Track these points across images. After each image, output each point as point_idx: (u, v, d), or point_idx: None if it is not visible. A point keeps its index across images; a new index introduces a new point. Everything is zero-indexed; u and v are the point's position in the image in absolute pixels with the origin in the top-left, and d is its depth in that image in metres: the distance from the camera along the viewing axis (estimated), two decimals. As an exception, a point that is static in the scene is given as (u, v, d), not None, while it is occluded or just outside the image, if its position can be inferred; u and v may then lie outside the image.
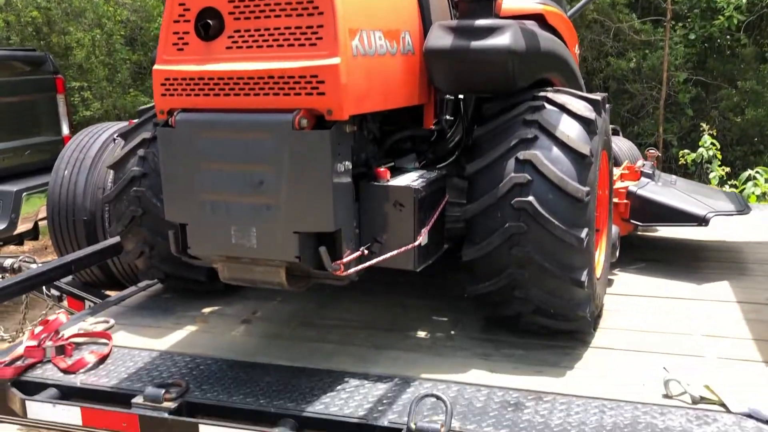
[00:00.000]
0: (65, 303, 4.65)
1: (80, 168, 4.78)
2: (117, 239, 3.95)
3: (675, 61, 12.28)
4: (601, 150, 3.21)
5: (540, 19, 3.60)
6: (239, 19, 2.61)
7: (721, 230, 5.08)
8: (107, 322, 3.48)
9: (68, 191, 4.73)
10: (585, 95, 3.17)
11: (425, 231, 2.87)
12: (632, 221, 4.29)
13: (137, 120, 3.76)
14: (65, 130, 7.06)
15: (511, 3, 3.42)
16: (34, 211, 6.36)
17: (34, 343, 3.10)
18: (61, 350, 3.08)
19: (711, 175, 9.20)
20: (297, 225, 2.61)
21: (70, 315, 3.77)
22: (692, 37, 12.44)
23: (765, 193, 8.33)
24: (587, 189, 2.84)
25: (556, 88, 3.23)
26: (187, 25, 2.69)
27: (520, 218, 2.84)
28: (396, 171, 3.04)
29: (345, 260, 2.67)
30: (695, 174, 10.54)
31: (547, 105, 3.02)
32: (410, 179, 2.92)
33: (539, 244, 2.84)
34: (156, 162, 3.31)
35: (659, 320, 3.38)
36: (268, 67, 2.57)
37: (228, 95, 2.66)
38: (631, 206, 4.26)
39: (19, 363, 2.99)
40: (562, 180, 2.82)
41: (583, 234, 2.82)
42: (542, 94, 3.08)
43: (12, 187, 6.21)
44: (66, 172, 4.79)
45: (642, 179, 4.48)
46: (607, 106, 3.38)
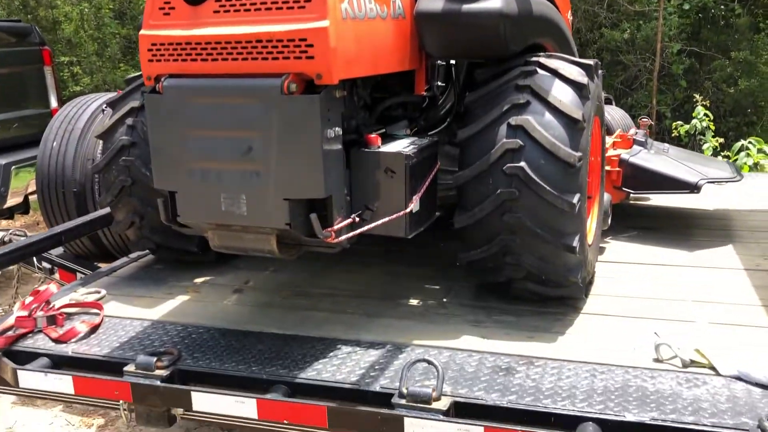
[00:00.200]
0: (57, 275, 4.64)
1: (69, 139, 4.72)
2: (107, 210, 3.92)
3: (669, 32, 12.20)
4: (594, 116, 3.19)
5: (532, -16, 3.55)
6: (226, -18, 2.56)
7: (713, 198, 5.09)
8: (98, 293, 3.46)
9: (57, 163, 4.68)
10: (577, 60, 3.14)
11: (417, 198, 2.85)
12: (624, 189, 4.29)
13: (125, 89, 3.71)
14: (53, 103, 6.96)
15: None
16: (24, 185, 6.30)
17: (25, 314, 3.09)
18: (52, 320, 3.07)
19: (704, 147, 9.19)
20: (287, 192, 2.59)
21: (61, 286, 3.75)
22: (686, 8, 12.34)
23: (757, 164, 8.34)
24: (579, 154, 2.83)
25: (549, 53, 3.19)
26: (174, -11, 2.64)
27: (512, 184, 2.83)
28: (387, 138, 3.02)
29: (336, 227, 2.66)
30: (688, 145, 10.51)
31: (540, 70, 2.99)
32: (401, 146, 2.90)
33: (531, 210, 2.83)
34: (145, 131, 3.27)
35: (651, 287, 3.39)
36: (256, 31, 2.53)
37: (216, 60, 2.62)
38: (624, 174, 4.25)
39: (10, 333, 2.98)
40: (554, 145, 2.80)
41: (575, 199, 2.81)
42: (534, 59, 3.05)
43: (0, 161, 6.14)
44: (55, 144, 4.73)
45: (634, 147, 4.46)
46: (600, 72, 3.35)
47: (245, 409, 2.45)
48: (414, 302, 3.29)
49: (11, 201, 6.29)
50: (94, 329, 3.06)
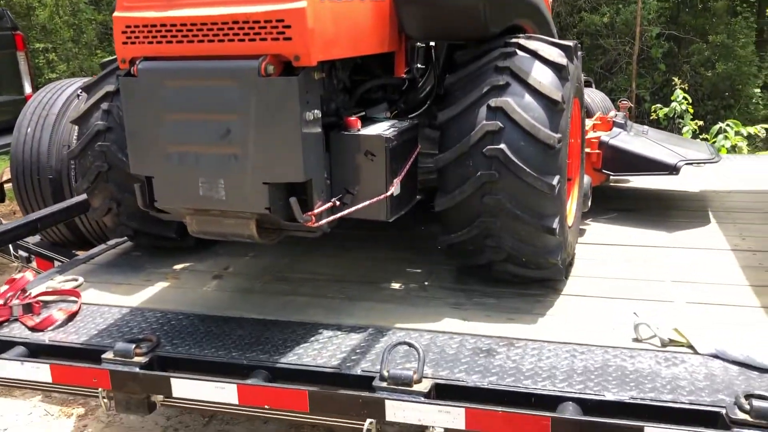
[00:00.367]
0: (34, 264, 4.57)
1: (44, 125, 4.64)
2: (84, 196, 3.86)
3: (648, 16, 12.26)
4: (573, 97, 3.19)
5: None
6: (202, -38, 2.51)
7: (692, 179, 5.13)
8: (76, 280, 3.42)
9: (32, 149, 4.60)
10: (557, 41, 3.13)
11: (397, 181, 2.84)
12: (604, 171, 4.31)
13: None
14: (28, 89, 6.83)
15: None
16: (-1, 173, 6.20)
17: (0, 302, 3.04)
18: (29, 308, 3.03)
19: (683, 130, 9.27)
20: (266, 175, 2.56)
21: (38, 274, 3.70)
22: (665, -9, 12.42)
23: (735, 146, 8.43)
24: (559, 136, 2.82)
25: (528, 35, 3.18)
26: (147, -31, 2.58)
27: (492, 166, 2.82)
28: (367, 120, 3.00)
29: (316, 211, 2.64)
30: (668, 129, 10.60)
31: (519, 51, 2.98)
32: (381, 128, 2.88)
33: (511, 192, 2.83)
34: (121, 115, 3.21)
35: (630, 268, 3.41)
36: (233, 12, 2.49)
37: (192, 42, 2.58)
38: (604, 156, 4.27)
39: (-15, 322, 2.93)
40: (534, 127, 2.80)
41: (555, 181, 2.81)
42: (514, 41, 3.04)
43: (-27, 149, 6.03)
44: (29, 130, 4.65)
45: (614, 129, 4.48)
46: (579, 54, 3.35)
47: (226, 395, 2.43)
48: (395, 286, 3.28)
49: (-15, 190, 6.18)
50: (72, 317, 3.01)
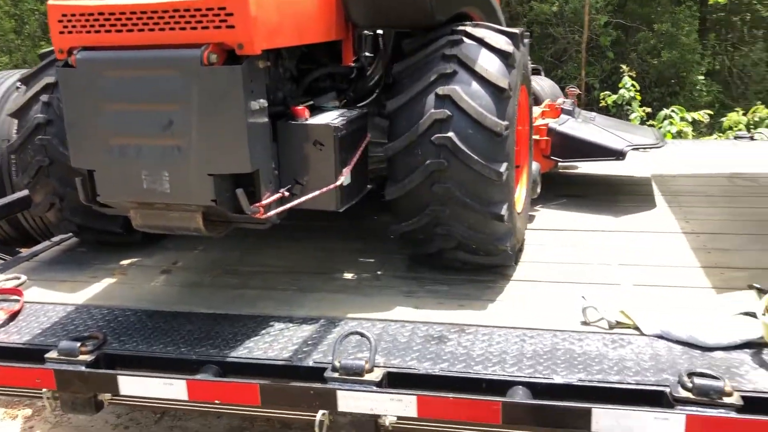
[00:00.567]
0: (-25, 263, 4.41)
1: (-19, 119, 4.48)
2: (25, 192, 3.74)
3: (596, 4, 12.45)
4: (520, 84, 3.21)
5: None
6: (139, -52, 2.44)
7: (639, 165, 5.24)
8: (18, 279, 3.31)
9: (-31, 144, 4.44)
10: (503, 29, 3.14)
11: (347, 170, 2.82)
12: (553, 157, 4.36)
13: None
14: (-35, 82, 6.58)
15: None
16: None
17: (-63, 303, 2.93)
18: (-33, 309, 2.93)
19: (632, 116, 9.46)
20: (211, 167, 2.52)
21: (-22, 273, 3.57)
22: (612, -20, 12.63)
23: (681, 131, 8.64)
24: (506, 123, 2.84)
25: (475, 23, 3.19)
26: (83, -45, 2.50)
27: (441, 154, 2.83)
28: (315, 109, 2.96)
29: (264, 202, 2.60)
30: (616, 115, 10.80)
31: (466, 39, 2.98)
32: (330, 117, 2.85)
33: (460, 180, 2.84)
34: (61, 108, 3.11)
35: (578, 252, 3.47)
36: (173, 0, 2.42)
37: (131, 31, 2.51)
38: (552, 143, 4.32)
39: None
40: (481, 114, 2.81)
41: (502, 168, 2.83)
42: (461, 29, 3.04)
43: None
44: (-34, 124, 4.48)
45: (562, 116, 4.54)
46: (526, 41, 3.37)
47: (175, 391, 2.39)
48: (347, 276, 3.27)
49: None
50: (14, 316, 2.92)
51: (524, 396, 2.24)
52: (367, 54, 3.40)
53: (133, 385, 2.43)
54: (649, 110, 9.84)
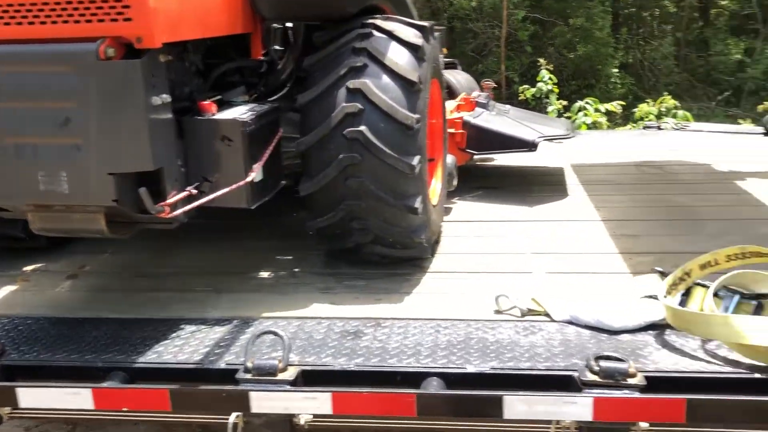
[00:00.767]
0: None
1: None
2: None
3: (514, -1, 12.70)
4: (431, 78, 3.22)
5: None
6: (30, -65, 2.31)
7: (553, 156, 5.37)
8: None
9: None
10: (413, 22, 3.15)
11: (258, 167, 2.75)
12: (468, 150, 4.41)
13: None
14: None
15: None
16: None
17: None
18: None
19: (549, 109, 9.69)
20: (111, 165, 2.41)
21: None
22: (528, -25, 12.91)
23: (595, 122, 8.91)
24: (417, 116, 2.85)
25: (386, 15, 3.18)
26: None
27: (353, 148, 2.81)
28: (224, 105, 2.88)
29: (170, 201, 2.51)
30: (536, 108, 11.05)
31: (376, 32, 2.97)
32: (238, 112, 2.78)
33: (373, 174, 2.83)
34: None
35: (494, 242, 3.52)
36: (65, -9, 2.31)
37: (20, 24, 2.38)
38: (467, 135, 4.37)
39: None
40: (392, 108, 2.80)
41: (415, 161, 2.83)
42: (371, 21, 3.02)
43: None
44: None
45: (477, 109, 4.60)
46: (436, 34, 3.39)
47: (80, 401, 2.28)
48: (264, 275, 3.21)
49: None
50: None
51: (438, 387, 2.25)
52: (278, 47, 3.34)
53: (34, 397, 2.31)
54: (566, 103, 10.10)
